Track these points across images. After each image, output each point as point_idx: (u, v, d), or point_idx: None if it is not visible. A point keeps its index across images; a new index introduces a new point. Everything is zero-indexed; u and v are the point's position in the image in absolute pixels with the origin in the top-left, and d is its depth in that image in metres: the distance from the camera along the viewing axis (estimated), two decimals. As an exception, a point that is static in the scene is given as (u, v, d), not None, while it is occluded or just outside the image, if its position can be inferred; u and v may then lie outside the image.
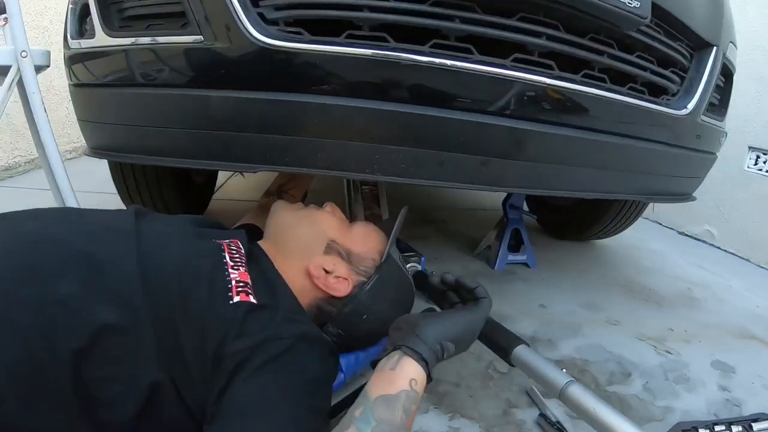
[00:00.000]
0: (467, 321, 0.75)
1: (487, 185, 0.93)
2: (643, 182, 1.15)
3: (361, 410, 0.59)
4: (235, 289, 0.68)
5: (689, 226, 2.40)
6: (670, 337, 1.38)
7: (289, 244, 0.85)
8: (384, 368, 0.64)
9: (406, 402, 0.60)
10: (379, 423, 0.57)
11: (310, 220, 0.89)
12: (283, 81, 0.83)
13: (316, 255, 0.83)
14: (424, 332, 0.68)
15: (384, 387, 0.62)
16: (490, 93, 0.84)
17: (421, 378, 0.64)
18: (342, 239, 0.86)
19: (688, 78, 1.13)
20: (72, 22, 1.07)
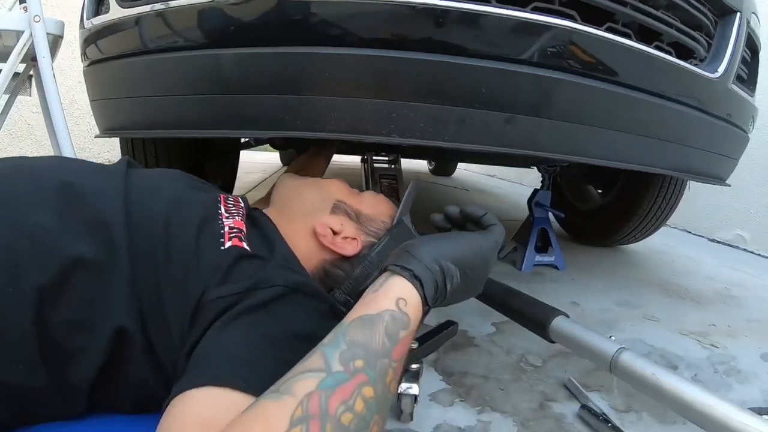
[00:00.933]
0: (474, 242, 0.57)
1: (513, 146, 0.84)
2: (678, 155, 1.05)
3: (332, 335, 0.44)
4: (227, 234, 0.60)
5: (720, 232, 2.26)
6: (714, 332, 1.25)
7: (294, 206, 0.77)
8: (367, 293, 0.49)
9: (391, 324, 0.45)
10: (351, 346, 0.42)
11: (316, 184, 0.82)
12: (295, 33, 0.77)
13: (323, 214, 0.74)
14: (418, 249, 0.52)
15: (362, 309, 0.46)
16: (512, 39, 0.77)
17: (413, 299, 0.48)
18: (350, 200, 0.78)
19: (714, 44, 1.06)
20: (89, 4, 1.05)
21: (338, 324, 0.45)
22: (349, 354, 0.41)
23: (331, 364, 0.40)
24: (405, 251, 0.52)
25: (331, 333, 0.44)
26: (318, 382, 0.38)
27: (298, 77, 0.79)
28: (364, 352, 0.42)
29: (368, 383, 0.40)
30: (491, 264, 0.59)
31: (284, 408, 0.36)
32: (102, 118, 1.09)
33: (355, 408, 0.38)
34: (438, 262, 0.51)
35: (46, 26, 1.06)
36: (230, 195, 0.73)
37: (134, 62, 0.94)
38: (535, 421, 0.84)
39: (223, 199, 0.69)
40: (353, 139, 0.83)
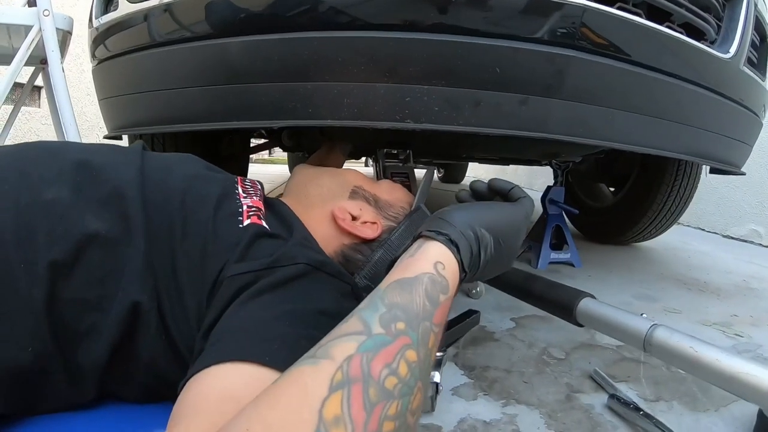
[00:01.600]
0: (507, 212, 0.54)
1: (528, 129, 0.82)
2: (693, 138, 1.03)
3: (369, 300, 0.40)
4: (246, 213, 0.59)
5: (734, 228, 2.23)
6: (737, 323, 1.22)
7: (311, 192, 0.75)
8: (402, 259, 0.46)
9: (431, 286, 0.42)
10: (391, 308, 0.38)
11: (333, 171, 0.81)
12: (305, 19, 0.76)
13: (341, 200, 0.73)
14: (452, 215, 0.49)
15: (399, 273, 0.43)
16: (524, 18, 0.76)
17: (451, 263, 0.45)
18: (368, 186, 0.76)
19: (723, 26, 1.05)
20: (97, 4, 1.06)
21: (374, 290, 0.42)
22: (390, 316, 0.38)
23: (371, 327, 0.37)
24: (439, 218, 0.49)
25: (367, 298, 0.41)
26: (358, 344, 0.35)
27: (309, 63, 0.78)
28: (405, 314, 0.38)
29: (411, 346, 0.37)
30: (522, 235, 0.56)
31: (322, 372, 0.33)
32: (111, 116, 1.09)
33: (399, 372, 0.35)
34: (473, 229, 0.48)
35: (55, 21, 1.06)
36: (247, 178, 0.72)
37: (143, 56, 0.94)
38: (563, 412, 0.81)
39: (240, 180, 0.68)
40: (366, 126, 0.81)
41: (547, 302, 0.79)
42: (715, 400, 0.85)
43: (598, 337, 1.07)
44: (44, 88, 1.20)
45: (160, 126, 0.96)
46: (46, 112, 1.23)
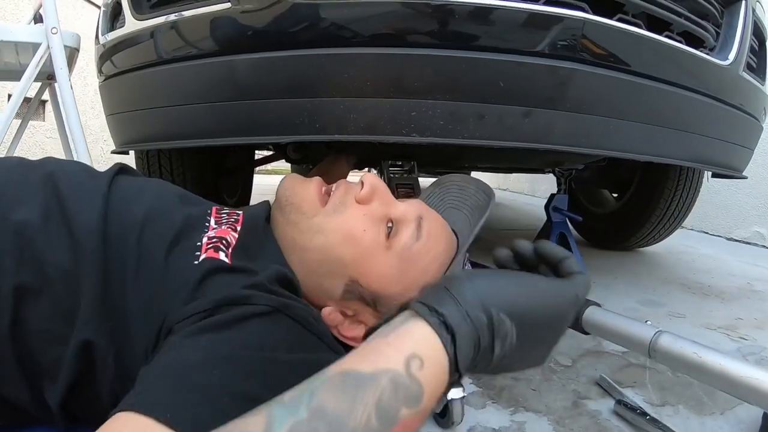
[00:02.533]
0: (547, 291, 0.41)
1: (531, 141, 0.86)
2: (694, 145, 1.07)
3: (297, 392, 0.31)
4: (204, 246, 0.51)
5: (738, 231, 2.27)
6: (741, 326, 1.25)
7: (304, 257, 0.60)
8: (373, 338, 0.35)
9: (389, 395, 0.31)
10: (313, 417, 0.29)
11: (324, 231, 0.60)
12: (312, 37, 0.79)
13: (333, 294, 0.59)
14: (462, 285, 0.37)
15: (354, 361, 0.33)
16: (526, 32, 0.79)
17: (435, 360, 0.33)
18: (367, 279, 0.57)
19: (722, 33, 1.09)
20: (103, 21, 1.10)
21: (315, 375, 0.33)
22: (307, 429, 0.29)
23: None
24: (442, 286, 0.37)
25: (299, 386, 0.32)
26: None
27: (315, 80, 0.82)
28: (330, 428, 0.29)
29: None
30: (565, 327, 0.43)
31: None
32: (119, 132, 1.12)
33: None
34: (487, 311, 0.36)
35: (63, 38, 1.09)
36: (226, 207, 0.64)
37: (151, 73, 0.97)
38: (570, 419, 0.84)
39: (215, 211, 0.60)
40: (373, 140, 0.85)
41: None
42: (720, 404, 0.88)
43: (605, 344, 1.09)
44: (50, 103, 1.23)
45: (167, 142, 1.00)
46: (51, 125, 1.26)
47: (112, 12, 1.10)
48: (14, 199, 0.49)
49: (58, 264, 0.46)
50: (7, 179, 0.52)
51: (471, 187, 0.72)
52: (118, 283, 0.47)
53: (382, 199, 0.59)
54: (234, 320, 0.43)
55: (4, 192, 0.50)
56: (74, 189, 0.52)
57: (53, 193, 0.51)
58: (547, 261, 0.46)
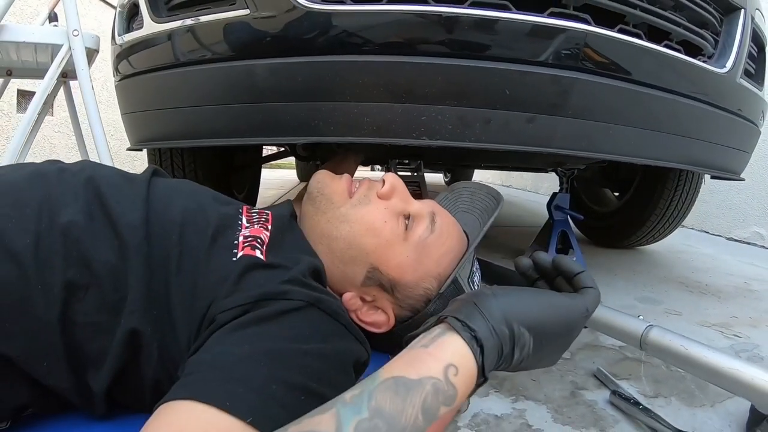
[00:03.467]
0: (561, 307, 0.48)
1: (535, 145, 0.92)
2: (691, 149, 1.13)
3: (358, 391, 0.38)
4: (241, 244, 0.57)
5: (737, 230, 2.34)
6: (736, 324, 1.31)
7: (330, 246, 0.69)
8: (414, 346, 0.43)
9: (432, 397, 0.39)
10: (374, 416, 0.36)
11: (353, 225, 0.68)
12: (327, 43, 0.85)
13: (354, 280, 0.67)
14: (489, 303, 0.45)
15: (402, 367, 0.40)
16: (531, 43, 0.85)
17: (467, 369, 0.41)
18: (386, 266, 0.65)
19: (720, 41, 1.15)
20: (120, 22, 1.15)
21: (369, 378, 0.40)
22: (369, 426, 0.35)
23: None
24: (472, 302, 0.45)
25: (357, 387, 0.39)
26: None
27: (331, 84, 0.87)
28: (388, 427, 0.36)
29: None
30: (575, 336, 0.51)
31: None
32: (134, 130, 1.17)
33: None
34: (509, 325, 0.44)
35: (84, 40, 1.14)
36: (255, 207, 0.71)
37: (168, 75, 1.02)
38: (568, 407, 0.90)
39: (246, 210, 0.67)
40: (384, 142, 0.91)
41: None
42: (710, 397, 0.94)
43: (602, 339, 1.16)
44: (65, 100, 1.29)
45: (183, 141, 1.05)
46: (59, 120, 1.31)
47: (128, 13, 1.16)
48: (59, 202, 0.54)
49: (104, 261, 0.51)
50: (50, 183, 0.56)
51: (481, 192, 0.81)
52: (161, 277, 0.53)
53: (400, 196, 0.67)
54: (274, 315, 0.49)
55: (48, 195, 0.54)
56: (116, 192, 0.58)
57: (95, 195, 0.56)
58: (564, 274, 0.53)
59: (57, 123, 2.91)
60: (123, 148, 1.29)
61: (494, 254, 1.94)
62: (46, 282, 0.48)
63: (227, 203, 0.69)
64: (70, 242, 0.50)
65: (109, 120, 2.48)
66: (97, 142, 1.13)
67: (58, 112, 1.20)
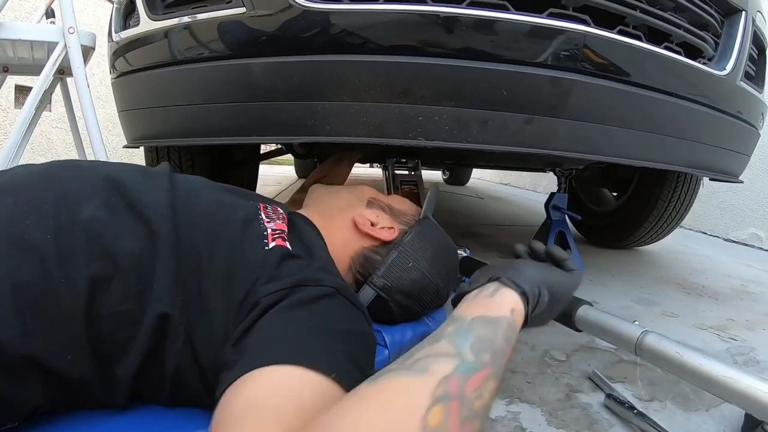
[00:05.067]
0: (565, 280, 0.65)
1: (533, 147, 0.92)
2: (690, 151, 1.13)
3: (456, 326, 0.47)
4: (271, 235, 0.64)
5: (735, 232, 2.34)
6: (732, 326, 1.32)
7: (333, 204, 0.85)
8: (478, 296, 0.54)
9: (508, 330, 0.49)
10: (479, 339, 0.45)
11: (349, 188, 0.91)
12: (325, 43, 0.85)
13: (359, 208, 0.82)
14: (525, 270, 0.58)
15: (481, 309, 0.50)
16: (530, 44, 0.85)
17: (521, 314, 0.53)
18: (381, 198, 0.86)
19: (721, 43, 1.14)
20: (116, 18, 1.14)
21: (454, 317, 0.50)
22: (479, 346, 0.44)
23: (462, 352, 0.43)
24: (514, 269, 0.58)
25: (453, 324, 0.48)
26: (454, 366, 0.41)
27: (328, 84, 0.87)
28: (491, 348, 0.45)
29: (492, 378, 0.43)
30: (568, 300, 0.70)
31: (425, 385, 0.39)
32: (131, 128, 1.17)
33: (483, 397, 0.41)
34: (539, 287, 0.57)
35: (79, 38, 1.13)
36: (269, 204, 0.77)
37: (164, 73, 1.02)
38: (563, 410, 0.90)
39: (263, 206, 0.73)
40: (381, 143, 0.90)
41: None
42: (705, 401, 0.94)
43: (597, 341, 1.16)
44: (62, 97, 1.28)
45: (180, 139, 1.05)
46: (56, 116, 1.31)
47: (125, 10, 1.15)
48: (77, 198, 0.56)
49: (128, 252, 0.54)
50: (65, 180, 0.59)
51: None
52: (191, 263, 0.56)
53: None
54: (313, 299, 0.56)
55: (65, 191, 0.56)
56: (139, 185, 0.61)
57: (115, 189, 0.59)
58: (554, 259, 0.68)
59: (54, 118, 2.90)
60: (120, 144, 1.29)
61: (491, 252, 1.95)
62: (70, 277, 0.50)
63: (246, 197, 0.75)
64: (92, 237, 0.53)
65: (107, 115, 2.46)
66: (93, 139, 1.13)
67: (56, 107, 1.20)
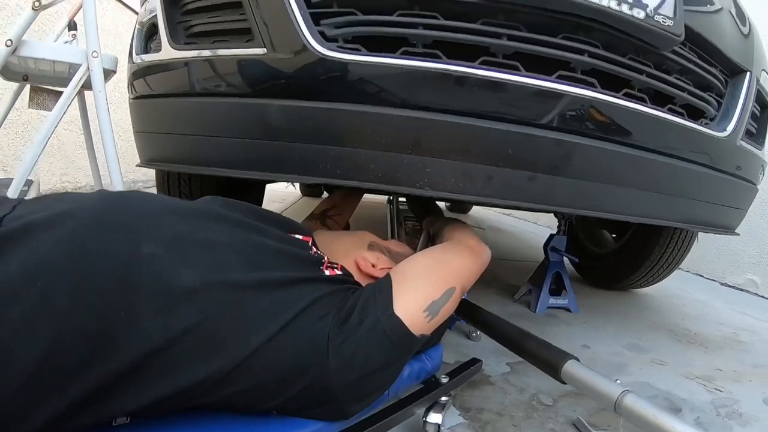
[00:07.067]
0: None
1: (535, 202, 0.99)
2: (687, 208, 1.20)
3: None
4: (326, 265, 0.83)
5: (732, 276, 2.42)
6: (719, 377, 1.38)
7: (337, 249, 0.96)
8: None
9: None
10: None
11: (352, 233, 1.05)
12: (340, 92, 0.91)
13: (362, 251, 0.96)
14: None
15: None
16: (537, 105, 0.92)
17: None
18: (381, 242, 1.01)
19: (724, 103, 1.21)
20: (138, 40, 1.20)
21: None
22: None
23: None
24: None
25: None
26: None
27: (340, 131, 0.94)
28: None
29: None
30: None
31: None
32: (146, 149, 1.24)
33: None
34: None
35: (102, 61, 1.20)
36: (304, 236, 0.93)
37: (182, 102, 1.08)
38: (546, 456, 0.98)
39: (310, 241, 0.91)
40: (388, 190, 0.98)
41: (537, 359, 0.96)
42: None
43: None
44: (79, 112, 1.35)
45: (192, 166, 1.11)
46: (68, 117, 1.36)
47: (147, 33, 1.22)
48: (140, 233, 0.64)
49: (189, 287, 0.61)
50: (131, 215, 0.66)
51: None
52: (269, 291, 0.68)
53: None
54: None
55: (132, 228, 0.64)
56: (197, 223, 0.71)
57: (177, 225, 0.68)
58: None
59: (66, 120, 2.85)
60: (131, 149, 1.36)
61: (489, 289, 2.01)
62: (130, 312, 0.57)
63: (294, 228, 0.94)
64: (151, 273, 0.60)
65: (118, 120, 2.53)
66: (110, 162, 1.19)
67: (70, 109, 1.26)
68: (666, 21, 0.97)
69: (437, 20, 0.91)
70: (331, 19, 0.94)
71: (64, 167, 2.83)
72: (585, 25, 0.94)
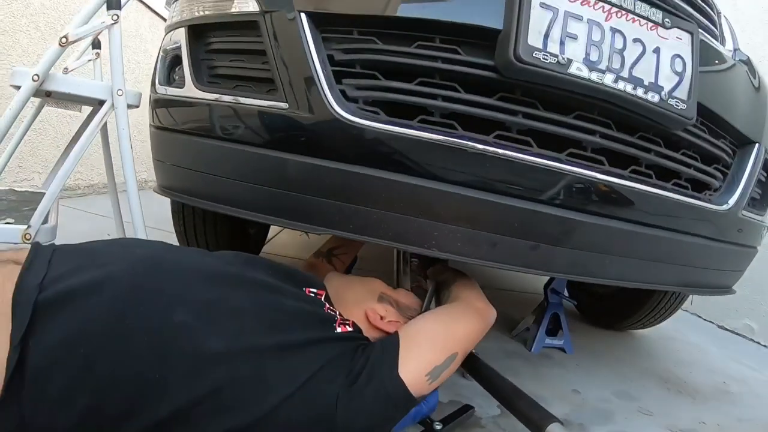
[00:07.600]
0: None
1: (536, 269, 1.04)
2: (684, 274, 1.24)
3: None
4: (339, 322, 0.92)
5: (729, 320, 2.46)
6: (702, 430, 1.42)
7: (348, 297, 1.04)
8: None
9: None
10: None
11: (363, 280, 1.11)
12: (357, 154, 0.96)
13: (372, 302, 1.03)
14: None
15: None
16: (544, 183, 0.96)
17: None
18: (390, 293, 1.08)
19: (730, 174, 1.24)
20: (161, 69, 1.24)
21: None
22: None
23: None
24: None
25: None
26: None
27: (355, 192, 0.98)
28: None
29: None
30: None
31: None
32: (163, 177, 1.28)
33: None
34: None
35: (126, 98, 1.25)
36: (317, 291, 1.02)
37: (201, 142, 1.13)
38: None
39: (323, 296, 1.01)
40: (397, 248, 1.03)
41: (524, 417, 1.02)
42: None
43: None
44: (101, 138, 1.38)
45: (206, 202, 1.16)
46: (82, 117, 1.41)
47: (171, 63, 1.26)
48: (172, 300, 0.72)
49: (216, 351, 0.69)
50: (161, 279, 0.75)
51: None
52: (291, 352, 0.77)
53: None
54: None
55: (162, 292, 0.72)
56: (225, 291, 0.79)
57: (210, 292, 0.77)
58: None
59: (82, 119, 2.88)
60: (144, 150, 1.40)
61: (493, 324, 2.06)
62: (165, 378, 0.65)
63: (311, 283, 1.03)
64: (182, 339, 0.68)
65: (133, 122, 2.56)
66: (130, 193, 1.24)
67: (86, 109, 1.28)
68: (679, 105, 1.01)
69: (456, 92, 0.95)
70: (352, 80, 0.98)
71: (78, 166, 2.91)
72: (600, 106, 0.98)
